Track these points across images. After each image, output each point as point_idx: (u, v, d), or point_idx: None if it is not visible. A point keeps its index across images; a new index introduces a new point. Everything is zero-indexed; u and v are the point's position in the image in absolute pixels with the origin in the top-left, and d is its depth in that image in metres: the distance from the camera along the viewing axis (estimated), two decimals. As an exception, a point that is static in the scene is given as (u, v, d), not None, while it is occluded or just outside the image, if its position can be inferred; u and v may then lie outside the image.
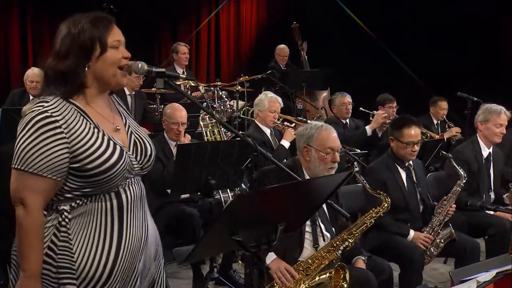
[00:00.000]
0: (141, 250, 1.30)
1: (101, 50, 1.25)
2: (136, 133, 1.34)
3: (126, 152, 1.27)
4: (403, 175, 2.57)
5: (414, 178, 2.58)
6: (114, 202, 1.25)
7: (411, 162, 2.59)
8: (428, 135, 4.15)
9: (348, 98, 4.11)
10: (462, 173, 2.56)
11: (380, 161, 2.65)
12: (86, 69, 1.24)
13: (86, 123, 1.23)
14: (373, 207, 2.17)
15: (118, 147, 1.25)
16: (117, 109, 1.36)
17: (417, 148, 2.54)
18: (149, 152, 1.34)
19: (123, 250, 1.25)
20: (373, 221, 2.10)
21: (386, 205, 2.17)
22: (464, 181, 2.55)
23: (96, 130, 1.24)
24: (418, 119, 2.88)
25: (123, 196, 1.26)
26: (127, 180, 1.28)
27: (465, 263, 2.23)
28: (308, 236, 2.07)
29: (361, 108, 4.03)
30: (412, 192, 2.55)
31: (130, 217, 1.27)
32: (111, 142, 1.24)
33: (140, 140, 1.33)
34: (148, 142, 1.35)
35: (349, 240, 2.01)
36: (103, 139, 1.23)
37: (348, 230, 2.05)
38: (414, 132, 2.53)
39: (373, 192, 2.22)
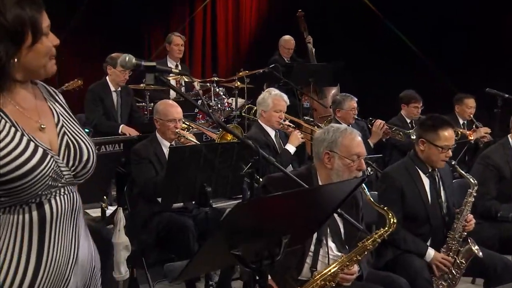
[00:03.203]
0: (67, 276, 1.22)
1: (33, 38, 1.15)
2: (72, 134, 1.27)
3: (52, 156, 1.19)
4: (426, 183, 2.51)
5: (441, 187, 2.53)
6: (34, 215, 1.17)
7: (436, 169, 2.53)
8: (459, 132, 4.11)
9: (355, 102, 4.08)
10: (472, 180, 2.49)
11: (399, 165, 2.59)
12: (15, 60, 1.14)
13: (0, 121, 1.14)
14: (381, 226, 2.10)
15: (40, 149, 1.17)
16: (47, 104, 1.27)
17: (450, 153, 2.49)
18: (85, 157, 1.26)
19: (43, 274, 1.17)
20: (376, 244, 2.05)
21: (390, 227, 2.06)
22: (476, 189, 2.48)
23: (13, 129, 1.15)
24: None
25: (47, 208, 1.18)
26: (53, 190, 1.19)
27: (496, 283, 2.21)
28: (309, 256, 2.06)
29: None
30: (435, 204, 2.49)
31: (54, 234, 1.19)
32: (31, 143, 1.16)
33: (75, 142, 1.26)
34: (87, 145, 1.28)
35: (348, 268, 1.99)
36: (21, 139, 1.15)
37: (348, 256, 2.02)
38: (450, 135, 2.49)
39: (377, 207, 2.13)
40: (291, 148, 3.45)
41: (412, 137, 3.98)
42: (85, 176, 1.28)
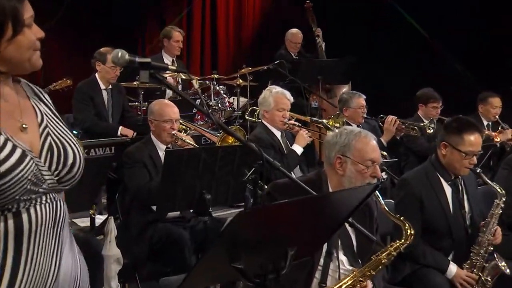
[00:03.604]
0: None
1: (14, 30, 1.15)
2: (56, 135, 1.27)
3: (31, 158, 1.18)
4: (448, 191, 2.49)
5: (465, 197, 2.52)
6: (10, 224, 1.15)
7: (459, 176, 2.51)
8: (483, 134, 4.08)
9: (364, 99, 4.07)
10: (500, 190, 2.47)
11: (419, 171, 2.58)
12: None
13: None
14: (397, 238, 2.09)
15: (18, 150, 1.16)
16: (30, 102, 1.27)
17: (475, 160, 2.47)
18: (70, 161, 1.25)
19: None
20: (392, 258, 2.04)
21: (407, 239, 2.05)
22: (503, 200, 2.46)
23: None
24: None
25: (25, 218, 1.16)
26: (34, 197, 1.18)
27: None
28: (318, 271, 2.05)
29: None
30: (457, 215, 2.48)
31: (32, 248, 1.18)
32: (9, 143, 1.15)
33: (59, 144, 1.25)
34: (73, 148, 1.27)
35: (361, 283, 1.97)
36: None
37: (360, 270, 2.00)
38: (476, 140, 2.46)
39: (392, 217, 2.12)
40: (298, 148, 3.46)
41: (428, 131, 3.98)
42: (71, 182, 1.27)
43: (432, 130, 3.99)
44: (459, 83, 5.94)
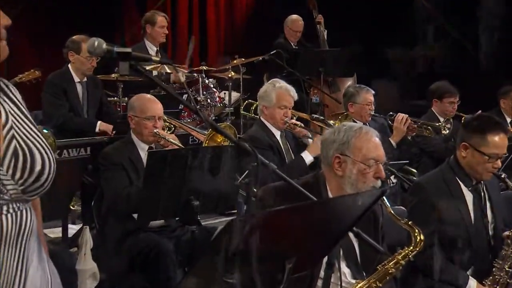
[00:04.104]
0: None
1: None
2: (23, 138, 1.26)
3: None
4: (469, 198, 2.48)
5: (488, 204, 2.51)
6: None
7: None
8: None
9: (372, 95, 4.05)
10: None
11: (436, 175, 2.57)
12: None
13: None
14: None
15: None
16: None
17: (499, 163, 2.45)
18: (37, 168, 1.24)
19: None
20: (400, 268, 2.03)
21: (417, 245, 2.04)
22: None
23: None
24: None
25: None
26: None
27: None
28: (319, 283, 2.04)
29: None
30: (479, 225, 2.47)
31: None
32: None
33: (25, 149, 1.24)
34: (42, 153, 1.26)
35: None
36: None
37: (366, 281, 2.00)
38: (501, 141, 2.43)
39: (399, 222, 2.10)
40: (307, 157, 3.37)
41: (443, 132, 3.99)
42: (38, 192, 1.26)
43: (448, 131, 3.98)
44: (479, 76, 5.98)
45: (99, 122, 4.04)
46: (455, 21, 6.38)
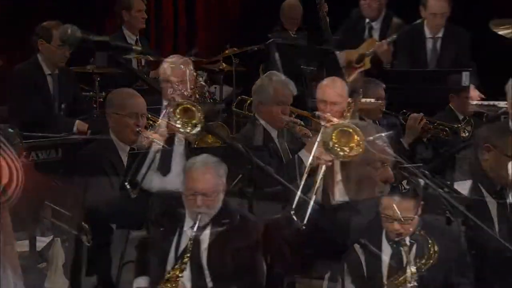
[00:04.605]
0: None
1: None
2: None
3: None
4: (493, 207, 2.54)
5: None
6: None
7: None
8: None
9: (383, 90, 4.05)
10: None
11: None
12: None
13: None
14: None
15: None
16: None
17: None
18: (4, 181, 1.28)
19: None
20: (413, 282, 2.07)
21: (430, 257, 2.11)
22: None
23: None
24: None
25: None
26: None
27: None
28: None
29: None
30: (504, 235, 2.48)
31: None
32: None
33: None
34: (9, 164, 1.29)
35: None
36: None
37: None
38: None
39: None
40: (306, 157, 3.42)
41: (463, 134, 4.00)
42: (7, 203, 1.29)
43: (467, 133, 3.97)
44: (497, 67, 6.01)
45: (77, 121, 4.01)
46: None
